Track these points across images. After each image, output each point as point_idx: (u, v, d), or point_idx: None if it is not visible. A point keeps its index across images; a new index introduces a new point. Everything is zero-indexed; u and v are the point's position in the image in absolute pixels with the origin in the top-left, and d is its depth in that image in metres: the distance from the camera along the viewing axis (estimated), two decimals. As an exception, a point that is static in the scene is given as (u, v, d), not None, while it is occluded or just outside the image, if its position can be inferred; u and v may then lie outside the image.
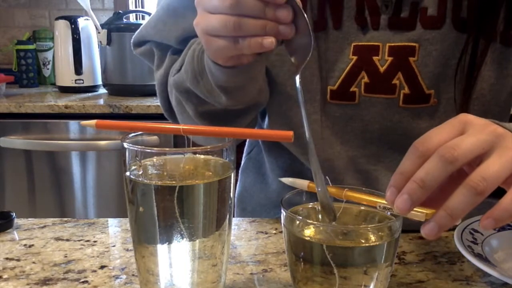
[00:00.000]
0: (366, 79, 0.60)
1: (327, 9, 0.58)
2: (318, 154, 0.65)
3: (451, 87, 0.61)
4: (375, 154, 0.66)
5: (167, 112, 0.75)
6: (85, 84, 2.02)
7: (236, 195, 0.88)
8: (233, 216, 0.63)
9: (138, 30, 0.77)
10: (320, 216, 0.47)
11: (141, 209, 0.44)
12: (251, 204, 0.84)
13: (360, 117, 0.64)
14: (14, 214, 0.68)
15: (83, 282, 0.53)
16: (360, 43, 0.59)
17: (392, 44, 0.59)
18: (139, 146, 0.43)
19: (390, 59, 0.59)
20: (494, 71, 0.61)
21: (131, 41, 0.81)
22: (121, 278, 0.54)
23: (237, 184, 0.89)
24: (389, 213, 0.43)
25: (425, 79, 0.60)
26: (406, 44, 0.59)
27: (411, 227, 0.60)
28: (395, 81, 0.60)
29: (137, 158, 0.43)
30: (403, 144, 0.62)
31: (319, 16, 0.58)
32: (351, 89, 0.62)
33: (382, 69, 0.60)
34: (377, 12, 0.57)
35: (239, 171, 0.89)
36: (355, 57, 0.60)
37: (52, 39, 2.19)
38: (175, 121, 0.73)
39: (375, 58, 0.60)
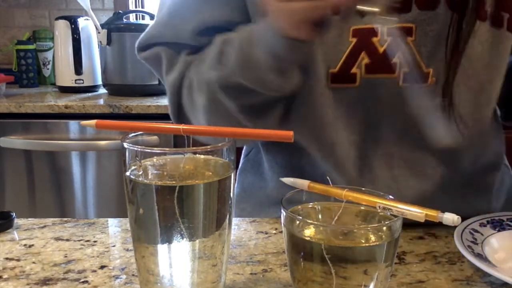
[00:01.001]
0: (366, 60, 0.62)
1: None
2: (323, 139, 0.66)
3: (446, 65, 0.63)
4: (375, 139, 0.67)
5: (175, 117, 0.73)
6: (85, 84, 2.02)
7: (234, 196, 0.88)
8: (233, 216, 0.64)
9: (144, 33, 0.72)
10: (320, 216, 0.47)
11: (141, 209, 0.44)
12: (250, 204, 0.84)
13: (362, 100, 0.65)
14: (14, 214, 0.68)
15: (83, 282, 0.53)
16: (358, 27, 0.61)
17: (390, 26, 0.60)
18: (139, 146, 0.43)
19: (388, 39, 0.61)
20: (487, 52, 0.63)
21: (136, 45, 0.76)
22: (121, 278, 0.54)
23: (235, 186, 0.89)
24: (389, 213, 0.43)
25: (423, 58, 0.62)
26: (403, 25, 0.61)
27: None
28: (395, 60, 0.62)
29: (137, 158, 0.43)
30: (403, 127, 0.65)
31: None
32: (352, 71, 0.63)
33: (381, 49, 0.62)
34: None
35: (237, 173, 0.89)
36: (354, 39, 0.61)
37: (52, 39, 2.19)
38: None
39: (374, 39, 0.61)
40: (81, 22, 1.97)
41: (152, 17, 2.07)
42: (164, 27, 0.69)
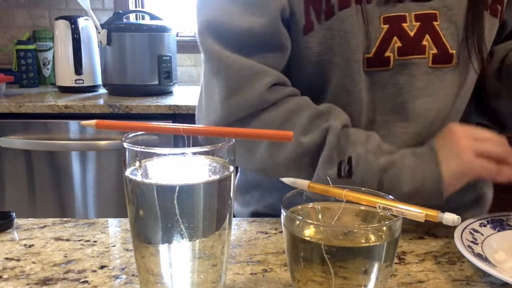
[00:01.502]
0: (398, 44, 0.68)
1: None
2: (359, 120, 0.72)
3: (464, 48, 0.70)
4: (402, 118, 0.72)
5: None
6: (85, 84, 2.02)
7: (238, 188, 0.89)
8: (233, 216, 0.64)
9: (209, 11, 0.68)
10: (320, 216, 0.47)
11: (141, 209, 0.44)
12: (259, 192, 0.84)
13: (394, 81, 0.70)
14: (14, 214, 0.68)
15: (83, 282, 0.53)
16: (388, 15, 0.67)
17: (417, 13, 0.67)
18: (139, 146, 0.43)
19: (417, 24, 0.67)
20: (488, 37, 0.71)
21: (199, 27, 0.69)
22: (121, 278, 0.54)
23: (237, 177, 0.90)
24: (389, 213, 0.43)
25: (448, 40, 0.69)
26: (428, 11, 0.67)
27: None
28: (424, 42, 0.68)
29: (137, 158, 0.43)
30: (430, 108, 0.71)
31: None
32: (386, 55, 0.68)
33: (412, 33, 0.67)
34: None
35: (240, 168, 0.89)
36: (386, 26, 0.67)
37: (52, 39, 2.19)
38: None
39: (404, 24, 0.67)
40: (81, 22, 1.97)
41: (152, 17, 2.07)
42: (242, 9, 0.66)
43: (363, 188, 0.45)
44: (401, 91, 0.70)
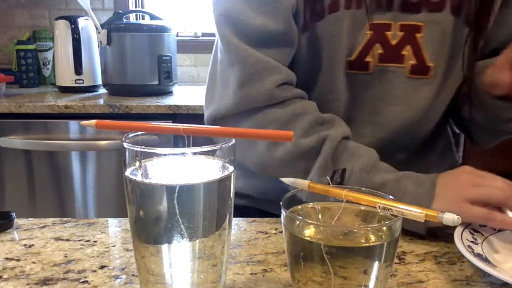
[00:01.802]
0: (380, 50, 0.70)
1: None
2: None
3: (445, 62, 0.72)
4: (374, 122, 0.75)
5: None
6: (85, 84, 2.02)
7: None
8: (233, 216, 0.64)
9: (228, 6, 0.70)
10: (320, 216, 0.47)
11: (141, 209, 0.44)
12: (262, 179, 0.84)
13: (373, 86, 0.73)
14: (14, 214, 0.68)
15: (83, 282, 0.53)
16: (376, 22, 0.69)
17: (402, 23, 0.69)
18: (139, 146, 0.43)
19: (401, 34, 0.70)
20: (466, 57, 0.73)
21: (217, 20, 0.72)
22: (121, 278, 0.54)
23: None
24: (389, 213, 0.43)
25: (427, 53, 0.71)
26: (414, 23, 0.69)
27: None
28: (404, 52, 0.70)
29: (137, 158, 0.43)
30: (401, 117, 0.74)
31: None
32: (367, 59, 0.71)
33: (394, 42, 0.70)
34: None
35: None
36: (371, 32, 0.70)
37: (52, 39, 2.19)
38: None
39: (388, 33, 0.70)
40: (81, 22, 1.97)
41: (152, 17, 2.07)
42: (256, 7, 0.68)
43: (363, 188, 0.45)
44: (379, 96, 0.73)
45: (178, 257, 0.45)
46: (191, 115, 1.72)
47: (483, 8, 0.70)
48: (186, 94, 2.02)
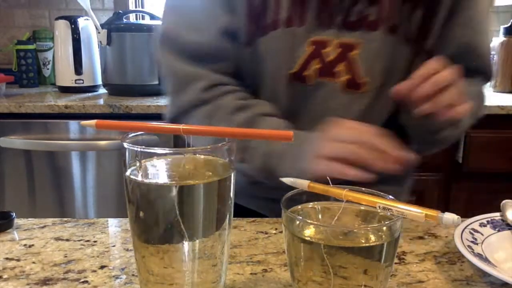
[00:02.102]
0: (318, 65, 0.75)
1: (295, 10, 0.73)
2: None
3: (380, 77, 0.76)
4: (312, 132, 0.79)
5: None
6: (85, 84, 2.02)
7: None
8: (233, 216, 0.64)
9: (164, 27, 0.80)
10: (320, 216, 0.47)
11: (141, 209, 0.44)
12: None
13: (312, 98, 0.78)
14: (14, 214, 0.68)
15: (83, 282, 0.53)
16: (314, 38, 0.74)
17: (341, 40, 0.74)
18: (139, 146, 0.43)
19: (338, 50, 0.74)
20: (400, 70, 0.77)
21: (157, 40, 0.81)
22: (121, 278, 0.54)
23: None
24: (389, 213, 0.43)
25: (362, 69, 0.75)
26: (352, 40, 0.74)
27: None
28: (339, 68, 0.75)
29: (137, 158, 0.43)
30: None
31: (288, 15, 0.73)
32: (305, 73, 0.76)
33: (331, 58, 0.75)
34: (332, 15, 0.73)
35: None
36: (310, 48, 0.75)
37: (52, 39, 2.19)
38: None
39: (327, 49, 0.75)
40: (81, 22, 1.97)
41: (152, 17, 2.07)
42: (186, 23, 0.78)
43: (363, 189, 0.45)
44: (317, 108, 0.78)
45: (178, 257, 0.45)
46: (191, 115, 1.72)
47: (424, 26, 0.74)
48: (186, 94, 2.01)
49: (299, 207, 0.47)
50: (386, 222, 0.43)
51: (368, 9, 0.72)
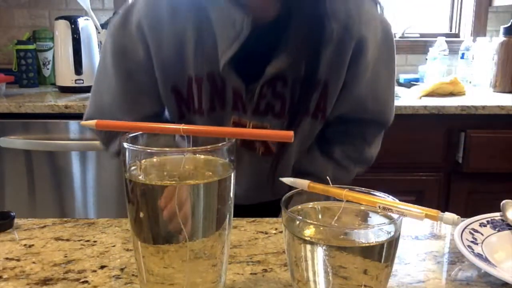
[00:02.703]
0: (239, 140, 0.84)
1: (217, 100, 0.89)
2: None
3: (282, 145, 0.93)
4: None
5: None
6: (85, 84, 2.01)
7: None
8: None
9: (88, 111, 0.99)
10: (320, 216, 0.47)
11: (141, 209, 0.44)
12: None
13: (239, 158, 0.85)
14: (14, 214, 0.68)
15: (83, 282, 0.53)
16: (235, 119, 0.90)
17: (254, 123, 0.90)
18: (139, 146, 0.43)
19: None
20: (299, 139, 0.93)
21: (84, 119, 0.97)
22: (121, 278, 0.54)
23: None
24: (389, 213, 0.43)
25: (270, 142, 0.92)
26: (263, 123, 0.90)
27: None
28: (256, 143, 0.93)
29: (137, 158, 0.43)
30: (250, 179, 0.95)
31: (210, 103, 0.89)
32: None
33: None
34: (245, 105, 0.88)
35: None
36: (233, 125, 0.91)
37: (52, 39, 2.19)
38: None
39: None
40: (81, 22, 1.97)
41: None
42: (104, 114, 0.92)
43: (363, 189, 0.45)
44: (240, 166, 0.88)
45: (178, 257, 0.45)
46: (191, 115, 1.72)
47: (321, 107, 0.90)
48: (186, 94, 2.02)
49: (299, 207, 0.47)
50: (386, 222, 0.43)
51: (273, 101, 0.89)
